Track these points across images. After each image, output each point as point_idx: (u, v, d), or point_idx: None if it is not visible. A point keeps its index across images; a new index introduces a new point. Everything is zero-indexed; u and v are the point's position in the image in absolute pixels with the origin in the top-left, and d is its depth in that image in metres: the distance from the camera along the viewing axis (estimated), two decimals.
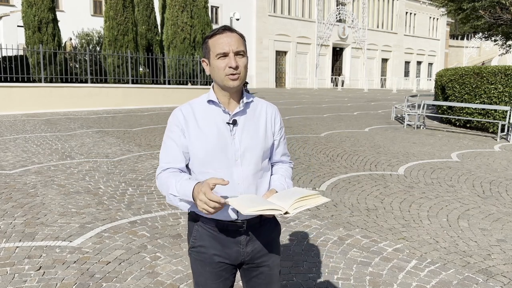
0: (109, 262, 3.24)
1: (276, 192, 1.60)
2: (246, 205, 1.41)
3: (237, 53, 1.55)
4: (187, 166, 1.65)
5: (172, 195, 1.54)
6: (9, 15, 22.35)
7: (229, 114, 1.61)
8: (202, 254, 1.65)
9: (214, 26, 23.47)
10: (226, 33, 1.55)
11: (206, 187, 1.40)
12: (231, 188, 1.57)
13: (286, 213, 1.39)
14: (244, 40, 1.60)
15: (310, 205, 1.44)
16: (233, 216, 1.60)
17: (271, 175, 1.74)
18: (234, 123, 1.60)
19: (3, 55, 15.02)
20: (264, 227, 1.69)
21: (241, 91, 1.65)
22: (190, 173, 1.67)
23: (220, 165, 1.58)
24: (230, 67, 1.53)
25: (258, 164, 1.63)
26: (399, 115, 14.59)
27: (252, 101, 1.68)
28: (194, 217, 1.68)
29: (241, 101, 1.64)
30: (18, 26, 20.68)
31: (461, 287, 2.98)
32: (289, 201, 1.43)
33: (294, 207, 1.41)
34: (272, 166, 1.78)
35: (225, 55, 1.54)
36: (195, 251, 1.68)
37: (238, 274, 1.77)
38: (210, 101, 1.63)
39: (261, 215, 1.61)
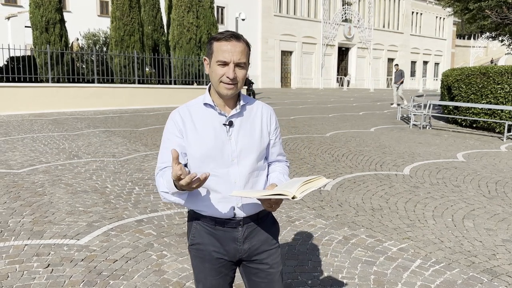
0: (116, 260, 3.29)
1: (276, 185, 1.63)
2: (252, 193, 1.47)
3: (237, 65, 1.56)
4: (185, 165, 1.66)
5: (164, 192, 1.54)
6: (16, 15, 22.52)
7: (225, 116, 1.64)
8: (201, 251, 1.69)
9: (220, 26, 23.52)
10: (232, 41, 1.55)
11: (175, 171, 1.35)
12: (228, 187, 1.61)
13: (293, 197, 1.43)
14: (249, 50, 1.61)
15: (315, 187, 1.49)
16: (231, 213, 1.64)
17: (267, 174, 1.77)
18: (230, 124, 1.64)
19: (11, 55, 15.15)
20: (261, 225, 1.72)
21: (237, 95, 1.67)
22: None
23: (216, 165, 1.61)
24: (227, 77, 1.55)
25: (254, 164, 1.67)
26: (405, 115, 14.54)
27: (248, 103, 1.72)
28: (192, 215, 1.72)
29: (237, 103, 1.67)
30: (25, 26, 20.83)
31: (465, 287, 2.99)
32: (294, 187, 1.47)
33: (301, 191, 1.45)
34: (268, 166, 1.81)
35: (225, 64, 1.55)
36: (194, 248, 1.72)
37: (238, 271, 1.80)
38: (206, 104, 1.66)
39: (258, 213, 1.69)
